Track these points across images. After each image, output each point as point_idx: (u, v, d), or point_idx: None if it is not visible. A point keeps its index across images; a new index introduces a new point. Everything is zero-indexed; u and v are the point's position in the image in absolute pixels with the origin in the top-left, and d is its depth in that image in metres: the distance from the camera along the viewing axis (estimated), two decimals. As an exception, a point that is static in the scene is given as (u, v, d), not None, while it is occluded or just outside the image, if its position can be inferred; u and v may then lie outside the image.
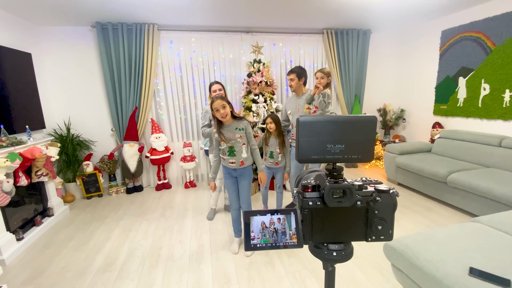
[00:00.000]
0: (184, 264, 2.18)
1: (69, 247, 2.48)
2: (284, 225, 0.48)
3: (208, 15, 3.40)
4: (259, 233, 0.47)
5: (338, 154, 0.47)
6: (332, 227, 0.49)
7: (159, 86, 3.93)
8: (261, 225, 0.47)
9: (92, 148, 3.87)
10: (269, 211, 0.49)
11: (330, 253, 0.50)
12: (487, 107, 3.35)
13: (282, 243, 0.48)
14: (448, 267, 1.39)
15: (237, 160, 2.15)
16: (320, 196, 0.48)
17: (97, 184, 3.72)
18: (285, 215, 0.48)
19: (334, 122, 0.47)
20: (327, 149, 0.47)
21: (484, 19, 3.25)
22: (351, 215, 0.49)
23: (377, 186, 0.50)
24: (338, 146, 0.47)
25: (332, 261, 0.51)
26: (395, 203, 0.48)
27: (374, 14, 3.64)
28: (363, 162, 0.50)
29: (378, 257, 2.15)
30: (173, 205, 3.40)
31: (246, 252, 2.26)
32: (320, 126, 0.47)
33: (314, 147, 0.47)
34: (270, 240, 0.47)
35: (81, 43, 3.66)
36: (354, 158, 0.48)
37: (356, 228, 0.49)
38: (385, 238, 0.50)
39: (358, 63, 4.51)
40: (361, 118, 0.48)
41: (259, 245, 0.47)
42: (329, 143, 0.47)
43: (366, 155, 0.48)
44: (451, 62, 3.79)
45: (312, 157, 0.48)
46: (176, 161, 4.15)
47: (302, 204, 0.49)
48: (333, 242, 0.50)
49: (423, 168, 3.20)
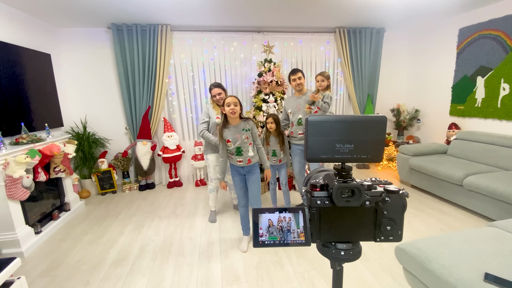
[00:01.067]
0: (194, 260, 2.21)
1: (85, 241, 2.56)
2: (292, 223, 0.48)
3: (220, 16, 3.43)
4: (267, 230, 0.48)
5: (347, 153, 0.47)
6: (340, 227, 0.49)
7: (171, 86, 4.00)
8: (269, 222, 0.48)
9: (107, 146, 3.98)
10: (278, 209, 0.49)
11: (338, 252, 0.50)
12: (507, 107, 3.22)
13: (290, 240, 0.49)
14: (462, 272, 1.35)
15: (244, 158, 2.20)
16: (328, 195, 0.49)
17: (111, 181, 3.83)
18: (293, 213, 0.49)
19: (344, 122, 0.47)
20: (336, 149, 0.47)
21: (504, 16, 3.12)
22: (360, 215, 0.49)
23: (387, 186, 0.50)
24: (347, 146, 0.47)
25: (339, 260, 0.51)
26: (405, 204, 0.48)
27: (388, 12, 3.56)
28: (372, 162, 0.50)
29: (390, 260, 2.11)
30: (184, 202, 3.46)
31: (254, 248, 2.28)
32: (329, 126, 0.47)
33: (323, 146, 0.47)
34: (278, 237, 0.48)
35: (98, 44, 3.77)
36: (363, 158, 0.48)
37: (365, 228, 0.49)
38: (394, 238, 0.49)
39: (371, 62, 4.43)
40: (370, 118, 0.48)
41: (267, 242, 0.48)
42: (338, 143, 0.47)
43: (375, 155, 0.48)
44: (468, 61, 3.66)
45: (321, 157, 0.48)
46: (187, 160, 4.21)
47: (310, 203, 0.49)
48: (341, 242, 0.50)
49: (438, 170, 3.11)
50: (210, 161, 2.77)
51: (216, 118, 2.67)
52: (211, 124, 2.70)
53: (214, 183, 2.84)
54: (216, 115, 2.68)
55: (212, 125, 2.69)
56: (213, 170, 2.78)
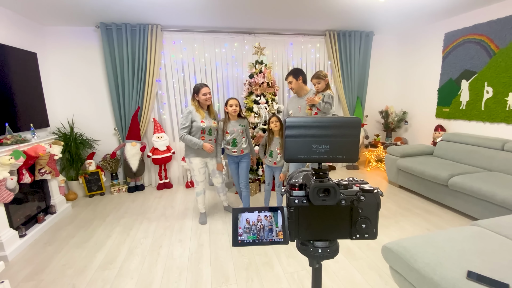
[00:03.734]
0: (184, 263, 2.19)
1: (71, 244, 2.50)
2: (271, 222, 0.49)
3: (211, 16, 3.42)
4: (246, 229, 0.48)
5: (324, 154, 0.48)
6: (318, 225, 0.50)
7: (161, 86, 3.96)
8: (247, 221, 0.48)
9: (94, 147, 3.91)
10: (257, 209, 0.50)
11: (316, 250, 0.51)
12: (490, 110, 3.33)
13: (268, 239, 0.49)
14: (446, 271, 1.39)
15: (238, 149, 2.74)
16: (306, 194, 0.49)
17: (99, 183, 3.75)
18: (272, 212, 0.49)
19: (320, 123, 0.48)
20: (312, 149, 0.48)
21: (488, 22, 3.23)
22: (336, 213, 0.50)
23: (362, 185, 0.51)
24: (323, 147, 0.48)
25: (317, 258, 0.52)
26: (379, 202, 0.49)
27: (376, 16, 3.64)
28: (348, 162, 0.51)
29: (377, 260, 2.15)
30: (174, 204, 3.43)
31: (244, 249, 2.28)
32: (306, 127, 0.48)
33: (301, 147, 0.48)
34: (257, 236, 0.49)
35: (86, 43, 3.71)
36: (339, 158, 0.49)
37: (341, 227, 0.50)
38: (369, 236, 0.51)
39: (360, 65, 4.50)
40: (345, 119, 0.49)
41: (246, 241, 0.49)
42: (315, 144, 0.48)
43: (350, 155, 0.49)
44: (454, 65, 3.77)
45: (299, 157, 0.49)
46: (178, 161, 4.17)
47: (288, 202, 0.50)
48: (319, 240, 0.51)
49: (424, 171, 3.19)
50: (194, 164, 2.67)
51: (201, 122, 2.56)
52: (194, 128, 2.57)
53: (200, 185, 2.78)
54: (201, 119, 2.56)
55: (197, 129, 2.57)
56: (198, 173, 2.71)
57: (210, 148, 2.60)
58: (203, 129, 2.59)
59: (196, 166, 2.69)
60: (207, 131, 2.63)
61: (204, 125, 2.58)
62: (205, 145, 2.57)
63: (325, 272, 2.03)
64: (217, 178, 2.87)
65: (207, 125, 2.60)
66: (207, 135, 2.64)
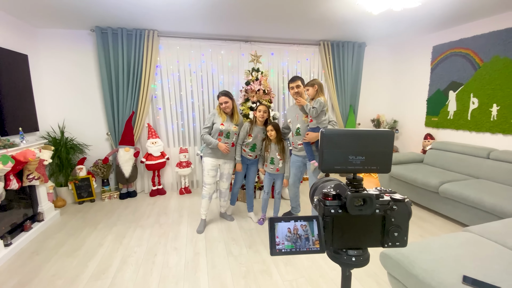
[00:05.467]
0: (180, 271, 2.15)
1: (60, 253, 2.41)
2: (307, 231, 0.50)
3: (208, 23, 3.45)
4: (284, 238, 0.49)
5: (359, 165, 0.50)
6: (351, 234, 0.51)
7: (157, 92, 3.93)
8: (287, 231, 0.49)
9: (85, 152, 3.81)
10: (293, 218, 0.51)
11: (349, 259, 0.52)
12: (476, 120, 3.48)
13: (305, 248, 0.50)
14: (443, 276, 1.42)
15: (253, 154, 2.84)
16: (340, 204, 0.51)
17: (90, 189, 3.65)
18: (308, 221, 0.50)
19: (356, 135, 0.50)
20: (349, 160, 0.50)
21: (473, 36, 3.41)
22: (369, 222, 0.51)
23: (392, 195, 0.53)
24: (359, 158, 0.50)
25: (350, 266, 0.53)
26: (410, 211, 0.51)
27: (368, 28, 3.77)
28: (381, 172, 0.53)
29: (375, 266, 2.17)
30: (168, 211, 3.37)
31: (242, 257, 2.26)
32: (343, 139, 0.50)
33: (337, 158, 0.50)
34: (294, 245, 0.49)
35: (79, 47, 3.65)
36: (373, 169, 0.51)
37: (373, 235, 0.52)
38: (400, 244, 0.52)
39: (353, 75, 4.62)
40: (379, 132, 0.52)
41: (284, 250, 0.49)
42: (351, 155, 0.50)
43: (384, 166, 0.51)
44: (441, 76, 3.93)
45: (335, 168, 0.51)
46: (172, 167, 4.12)
47: (324, 211, 0.51)
48: (352, 248, 0.52)
49: (416, 178, 3.27)
50: (205, 163, 2.75)
51: (220, 125, 2.69)
52: (214, 129, 2.72)
53: (207, 188, 2.78)
54: (221, 122, 2.70)
55: (215, 130, 2.71)
56: (207, 174, 2.75)
57: (225, 149, 2.67)
58: (221, 131, 2.69)
59: (207, 166, 2.75)
60: (225, 134, 2.72)
61: (223, 128, 2.69)
62: (220, 145, 2.67)
63: (323, 280, 2.04)
64: (224, 183, 2.90)
65: (225, 128, 2.70)
66: (224, 138, 2.72)
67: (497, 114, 3.20)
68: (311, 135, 2.46)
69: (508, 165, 2.89)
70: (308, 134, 2.48)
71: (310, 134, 2.47)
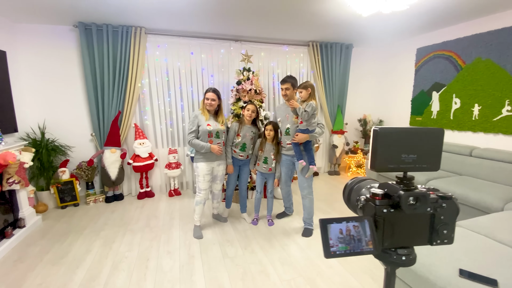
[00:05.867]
0: (175, 275, 2.08)
1: (45, 261, 2.27)
2: (359, 232, 0.48)
3: (198, 21, 3.39)
4: (337, 240, 0.47)
5: (411, 163, 0.50)
6: (401, 233, 0.51)
7: (144, 90, 3.81)
8: (339, 232, 0.47)
9: (68, 154, 3.63)
10: (344, 219, 0.49)
11: (399, 258, 0.51)
12: (458, 119, 3.64)
13: (359, 249, 0.49)
14: (440, 270, 1.47)
15: (245, 154, 2.79)
16: (391, 203, 0.50)
17: (74, 193, 3.47)
18: (360, 222, 0.49)
19: (410, 133, 0.50)
20: (401, 159, 0.49)
21: (456, 39, 3.57)
22: (418, 221, 0.51)
23: (437, 193, 0.53)
24: (411, 156, 0.50)
25: (399, 265, 0.52)
26: (458, 208, 0.51)
27: (356, 30, 3.85)
28: (431, 170, 0.53)
29: (369, 263, 2.21)
30: (158, 214, 3.27)
31: (240, 259, 2.23)
32: (397, 137, 0.49)
33: (390, 156, 0.49)
34: (348, 247, 0.48)
35: (61, 43, 3.47)
36: (424, 167, 0.51)
37: (421, 233, 0.51)
38: (448, 241, 0.52)
39: (341, 75, 4.71)
40: (431, 129, 0.51)
41: (338, 252, 0.48)
42: (404, 153, 0.49)
43: (433, 164, 0.51)
44: (425, 78, 4.09)
45: (389, 166, 0.50)
46: (160, 168, 4.01)
47: (376, 211, 0.50)
48: (401, 247, 0.52)
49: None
50: (200, 169, 2.58)
51: (207, 125, 2.52)
52: (201, 132, 2.54)
53: (203, 194, 2.64)
54: (207, 123, 2.53)
55: (203, 133, 2.53)
56: (203, 179, 2.60)
57: (218, 150, 2.54)
58: (210, 132, 2.54)
59: (202, 172, 2.59)
60: (214, 134, 2.57)
61: (211, 128, 2.54)
62: (213, 147, 2.52)
63: (321, 278, 2.05)
64: (217, 185, 2.83)
65: (213, 128, 2.55)
66: (214, 138, 2.58)
67: (478, 114, 3.36)
68: (300, 136, 2.49)
69: (489, 162, 3.04)
70: (298, 135, 2.50)
71: (299, 135, 2.49)
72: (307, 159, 2.55)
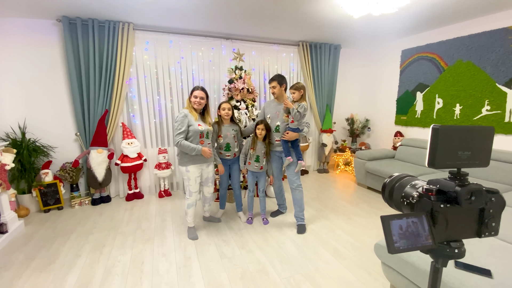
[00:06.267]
0: (173, 278, 2.04)
1: (32, 267, 2.14)
2: (418, 227, 0.50)
3: (188, 19, 3.33)
4: (398, 236, 0.48)
5: (465, 160, 0.52)
6: (453, 227, 0.53)
7: (132, 88, 3.69)
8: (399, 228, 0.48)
9: (51, 155, 3.44)
10: (404, 215, 0.51)
11: (452, 251, 0.53)
12: (441, 118, 3.82)
13: (419, 244, 0.50)
14: (436, 262, 1.53)
15: (231, 153, 2.79)
16: (446, 198, 0.52)
17: (57, 195, 3.30)
18: (417, 217, 0.50)
19: (464, 131, 0.52)
20: (458, 155, 0.52)
21: (438, 42, 3.74)
22: (469, 215, 0.53)
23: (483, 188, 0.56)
24: (466, 153, 0.52)
25: (451, 258, 0.54)
26: (505, 202, 0.54)
27: (344, 31, 3.94)
28: (481, 166, 0.56)
29: (365, 258, 2.27)
30: (149, 216, 3.18)
31: (237, 259, 2.21)
32: (455, 135, 0.51)
33: (449, 153, 0.51)
34: (408, 242, 0.49)
35: (43, 38, 3.28)
36: (475, 163, 0.54)
37: (470, 227, 0.54)
38: (495, 233, 0.55)
39: (329, 75, 4.80)
40: (483, 127, 0.54)
41: (401, 248, 0.49)
42: (460, 150, 0.51)
43: (484, 161, 0.54)
44: (410, 78, 4.26)
45: (446, 163, 0.52)
46: (150, 169, 3.90)
47: (433, 206, 0.52)
48: (453, 240, 0.54)
49: (392, 173, 3.49)
50: (191, 172, 2.48)
51: (198, 125, 2.43)
52: (192, 132, 2.41)
53: (194, 196, 2.57)
54: (198, 123, 2.46)
55: (195, 133, 2.42)
56: (194, 182, 2.51)
57: (209, 153, 2.47)
58: (201, 132, 2.46)
59: (193, 175, 2.49)
60: (205, 135, 2.51)
61: (202, 129, 2.46)
62: (204, 150, 2.42)
63: (319, 274, 2.08)
64: (209, 187, 2.76)
65: (204, 128, 2.49)
66: (205, 139, 2.52)
67: (459, 113, 3.55)
68: (291, 135, 2.60)
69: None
70: (288, 133, 2.61)
71: (290, 134, 2.60)
72: (295, 155, 2.67)
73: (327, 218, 3.07)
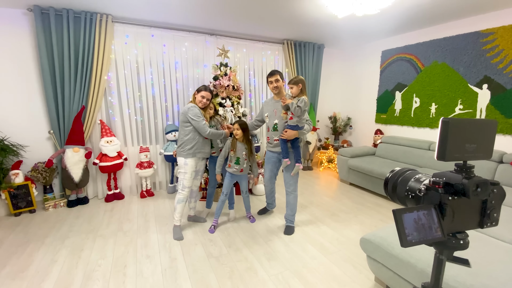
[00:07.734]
0: (158, 280, 1.97)
1: (3, 276, 1.98)
2: (429, 219, 0.50)
3: (171, 12, 3.23)
4: (411, 229, 0.48)
5: (471, 152, 0.53)
6: (459, 218, 0.54)
7: (111, 84, 3.52)
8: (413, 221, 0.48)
9: (21, 154, 3.21)
10: (415, 208, 0.50)
11: (458, 242, 0.55)
12: (418, 117, 4.00)
13: (431, 236, 0.50)
14: (419, 254, 1.60)
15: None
16: (454, 191, 0.53)
17: (29, 198, 3.09)
18: (427, 210, 0.50)
19: (471, 124, 0.52)
20: (465, 148, 0.52)
21: (416, 43, 3.91)
22: (473, 206, 0.54)
23: None
24: (472, 146, 0.53)
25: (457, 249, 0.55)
26: (505, 193, 0.56)
27: (328, 31, 4.00)
28: (485, 159, 0.57)
29: (349, 252, 2.33)
30: (131, 217, 3.06)
31: (226, 257, 2.19)
32: (463, 127, 0.51)
33: (457, 146, 0.52)
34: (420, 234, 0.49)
35: (11, 28, 3.04)
36: (480, 155, 0.55)
37: (473, 218, 0.55)
38: (496, 224, 0.57)
39: (313, 74, 4.86)
40: (487, 121, 0.55)
41: (414, 241, 0.49)
42: (468, 143, 0.52)
43: (487, 153, 0.55)
44: (389, 78, 4.41)
45: (455, 155, 0.53)
46: (130, 168, 3.75)
47: (441, 198, 0.52)
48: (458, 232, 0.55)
49: (372, 169, 3.62)
50: (190, 166, 2.49)
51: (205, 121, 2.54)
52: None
53: (186, 192, 2.52)
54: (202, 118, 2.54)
55: None
56: (190, 176, 2.51)
57: (228, 132, 2.72)
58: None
59: (190, 168, 2.51)
60: None
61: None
62: (226, 131, 2.71)
63: (307, 269, 2.10)
64: (197, 180, 2.76)
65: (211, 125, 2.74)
66: None
67: (435, 112, 3.73)
68: (289, 133, 2.42)
69: (445, 155, 3.40)
70: (287, 132, 2.43)
71: (289, 132, 2.42)
72: (294, 156, 2.52)
73: (312, 214, 3.11)
